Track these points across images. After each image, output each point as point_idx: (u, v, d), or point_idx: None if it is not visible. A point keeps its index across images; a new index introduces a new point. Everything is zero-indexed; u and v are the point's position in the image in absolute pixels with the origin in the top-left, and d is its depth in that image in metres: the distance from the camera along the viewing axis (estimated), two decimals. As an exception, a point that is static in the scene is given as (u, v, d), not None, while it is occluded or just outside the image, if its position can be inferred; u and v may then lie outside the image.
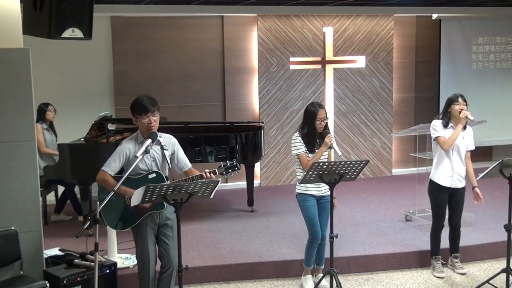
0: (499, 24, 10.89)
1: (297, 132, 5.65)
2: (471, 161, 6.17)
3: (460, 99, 5.96)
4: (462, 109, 5.91)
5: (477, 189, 6.03)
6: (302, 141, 5.57)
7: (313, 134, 5.58)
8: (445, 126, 5.99)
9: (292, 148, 5.63)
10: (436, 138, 6.00)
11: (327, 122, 5.60)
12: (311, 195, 5.64)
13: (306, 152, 5.56)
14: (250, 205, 8.41)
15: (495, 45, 10.97)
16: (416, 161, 8.06)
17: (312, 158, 5.53)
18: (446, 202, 6.11)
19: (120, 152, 4.78)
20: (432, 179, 6.13)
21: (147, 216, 4.78)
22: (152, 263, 4.89)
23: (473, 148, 6.15)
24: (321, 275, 5.91)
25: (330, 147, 5.53)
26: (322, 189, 5.64)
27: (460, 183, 6.07)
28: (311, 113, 5.56)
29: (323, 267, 5.98)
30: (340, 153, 5.51)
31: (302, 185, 5.62)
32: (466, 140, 6.05)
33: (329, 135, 5.52)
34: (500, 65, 11.04)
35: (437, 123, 6.04)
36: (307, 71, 10.18)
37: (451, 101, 6.00)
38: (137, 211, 4.73)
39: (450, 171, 6.01)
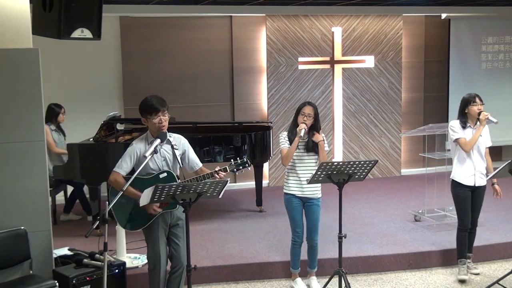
0: (509, 24, 10.84)
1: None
2: (490, 158, 6.15)
3: (477, 99, 5.94)
4: (481, 110, 5.89)
5: (496, 186, 6.04)
6: (286, 138, 5.62)
7: (293, 129, 5.60)
8: (464, 126, 5.97)
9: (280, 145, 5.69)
10: (456, 140, 5.97)
11: (315, 123, 5.56)
12: (293, 195, 5.66)
13: (287, 148, 5.57)
14: (258, 205, 8.42)
15: (505, 44, 10.91)
16: (425, 161, 8.04)
17: (287, 151, 5.52)
18: (470, 200, 6.06)
19: (131, 152, 4.80)
20: (454, 179, 6.08)
21: (158, 217, 4.79)
22: (164, 263, 4.90)
23: (490, 144, 6.12)
24: (314, 277, 5.93)
25: (301, 136, 5.46)
26: (306, 191, 5.62)
27: (482, 181, 6.03)
28: (297, 110, 5.63)
29: (316, 270, 5.97)
30: (302, 135, 5.42)
31: (286, 184, 5.70)
32: (484, 137, 6.04)
33: (301, 124, 5.48)
34: (510, 64, 10.98)
35: (455, 124, 6.01)
36: (316, 71, 10.17)
37: (467, 102, 5.97)
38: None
39: (472, 170, 5.98)
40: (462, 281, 6.10)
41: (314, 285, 5.87)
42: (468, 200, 6.05)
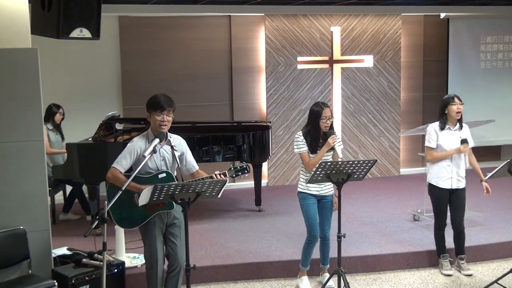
0: (508, 23, 10.85)
1: (300, 131, 5.64)
2: (474, 157, 6.15)
3: (456, 99, 5.96)
4: (460, 110, 5.93)
5: (484, 183, 5.99)
6: (304, 140, 5.55)
7: (316, 134, 5.54)
8: (442, 128, 5.99)
9: (295, 147, 5.61)
10: (426, 147, 6.08)
11: (332, 122, 5.58)
12: (312, 194, 5.63)
13: (308, 152, 5.54)
14: (257, 204, 8.41)
15: (504, 44, 10.92)
16: (424, 160, 8.03)
17: (314, 158, 5.50)
18: (447, 201, 6.10)
19: (131, 149, 4.79)
20: (431, 183, 6.13)
21: (155, 216, 4.79)
22: (161, 262, 4.89)
23: (472, 145, 6.13)
24: (327, 274, 5.91)
25: (333, 148, 5.49)
26: (324, 189, 5.63)
27: (460, 183, 6.06)
28: (316, 113, 5.53)
29: (328, 266, 5.97)
30: (340, 156, 5.50)
31: (304, 184, 5.63)
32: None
33: (333, 135, 5.47)
34: (508, 64, 10.99)
35: (431, 130, 6.06)
36: (315, 70, 10.18)
37: (447, 102, 5.99)
38: (146, 210, 4.74)
39: (449, 173, 6.00)
40: (448, 275, 6.19)
41: (329, 283, 5.77)
42: (445, 202, 6.10)
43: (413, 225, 7.49)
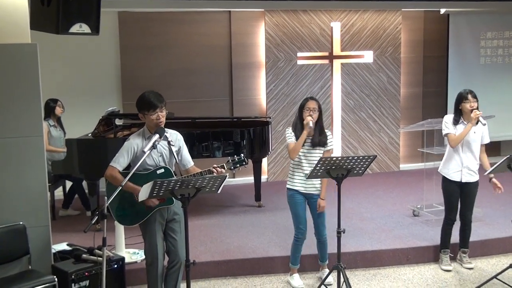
0: (508, 19, 10.83)
1: (290, 126, 5.72)
2: (485, 154, 6.13)
3: (469, 97, 5.92)
4: (473, 108, 5.88)
5: (494, 180, 5.91)
6: (292, 133, 5.61)
7: (301, 125, 5.58)
8: (456, 122, 5.98)
9: (286, 140, 5.68)
10: (446, 135, 6.01)
11: (321, 117, 5.59)
12: (297, 191, 5.64)
13: (294, 142, 5.58)
14: (257, 200, 8.42)
15: (504, 39, 10.91)
16: (424, 156, 8.04)
17: (295, 145, 5.52)
18: (458, 195, 6.10)
19: (128, 147, 4.79)
20: (441, 173, 6.15)
21: (155, 212, 4.79)
22: (161, 258, 4.89)
23: (488, 141, 6.11)
24: (327, 270, 5.91)
25: (310, 127, 5.48)
26: (309, 187, 5.63)
27: (471, 177, 6.05)
28: (301, 106, 5.62)
29: (327, 262, 5.98)
30: (311, 125, 5.44)
31: (290, 180, 5.68)
32: (479, 134, 6.02)
33: (307, 117, 5.49)
34: (508, 59, 10.98)
35: (448, 119, 6.04)
36: (315, 66, 10.17)
37: (461, 99, 5.97)
38: (145, 206, 4.74)
39: (459, 166, 6.01)
40: (447, 271, 6.22)
41: (328, 279, 5.78)
42: (455, 196, 6.10)
43: (412, 220, 7.49)
